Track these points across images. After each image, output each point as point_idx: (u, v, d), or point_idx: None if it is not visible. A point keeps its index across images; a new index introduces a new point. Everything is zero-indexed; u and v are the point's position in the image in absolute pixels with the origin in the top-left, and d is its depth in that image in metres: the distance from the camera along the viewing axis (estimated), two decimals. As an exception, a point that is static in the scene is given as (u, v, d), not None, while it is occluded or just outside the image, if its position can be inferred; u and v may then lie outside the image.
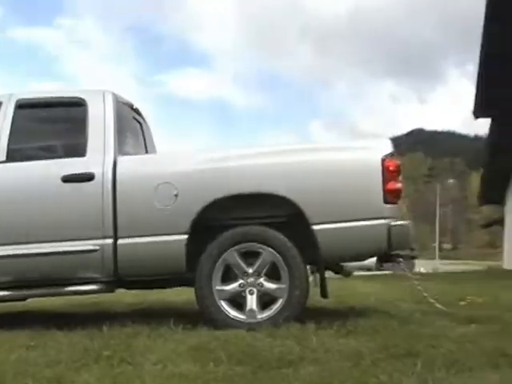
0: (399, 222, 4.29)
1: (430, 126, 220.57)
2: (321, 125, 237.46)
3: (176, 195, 4.29)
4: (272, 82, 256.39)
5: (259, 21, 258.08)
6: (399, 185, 4.33)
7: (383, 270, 20.74)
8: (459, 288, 8.25)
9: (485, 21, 17.05)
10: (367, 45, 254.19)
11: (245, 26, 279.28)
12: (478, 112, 19.69)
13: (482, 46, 17.83)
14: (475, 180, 55.30)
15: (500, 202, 25.22)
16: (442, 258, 57.03)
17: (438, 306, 5.13)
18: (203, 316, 4.26)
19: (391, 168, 4.29)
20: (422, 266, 32.60)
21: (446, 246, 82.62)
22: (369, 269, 24.18)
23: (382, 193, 4.23)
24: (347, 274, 5.47)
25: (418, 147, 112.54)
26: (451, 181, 70.54)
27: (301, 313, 4.21)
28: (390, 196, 4.27)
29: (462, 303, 5.69)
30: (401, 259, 4.83)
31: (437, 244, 55.92)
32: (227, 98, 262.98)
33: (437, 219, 54.21)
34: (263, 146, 4.78)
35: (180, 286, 5.01)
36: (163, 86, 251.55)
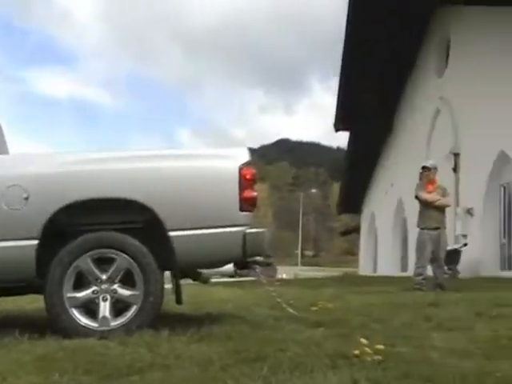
0: (254, 230, 4.40)
1: (295, 137, 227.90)
2: (190, 131, 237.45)
3: (26, 198, 4.12)
4: (142, 86, 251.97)
5: (130, 24, 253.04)
6: (255, 193, 4.45)
7: (245, 276, 21.14)
8: (314, 293, 8.58)
9: (345, 39, 18.07)
10: (238, 55, 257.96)
11: (115, 28, 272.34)
12: (338, 125, 20.77)
13: (342, 65, 18.88)
14: (336, 190, 58.07)
15: (357, 211, 26.68)
16: (303, 264, 59.19)
17: (290, 310, 5.32)
18: (53, 324, 4.11)
19: (248, 176, 4.39)
20: (284, 273, 33.61)
21: (308, 253, 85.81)
22: (232, 275, 24.55)
23: (238, 201, 4.32)
24: (205, 280, 5.52)
25: (284, 156, 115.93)
26: (314, 190, 73.51)
27: (155, 319, 4.20)
28: (246, 204, 4.37)
29: (314, 308, 5.93)
30: (256, 266, 4.97)
31: (299, 251, 57.99)
32: (94, 100, 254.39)
33: (300, 227, 56.26)
34: (121, 150, 4.70)
35: (30, 293, 4.81)
36: (23, 83, 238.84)
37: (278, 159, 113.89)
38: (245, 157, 4.50)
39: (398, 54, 18.42)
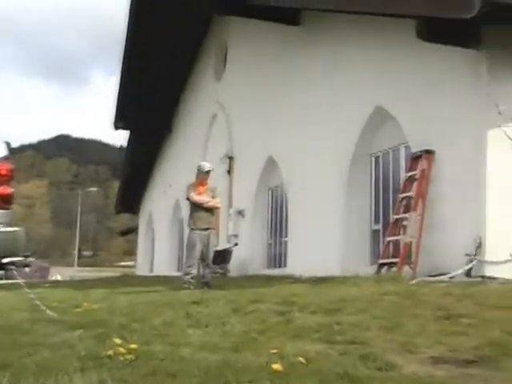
0: (9, 229, 4.17)
1: (76, 133, 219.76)
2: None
3: None
4: None
5: None
6: (11, 190, 4.21)
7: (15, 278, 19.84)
8: (83, 295, 8.36)
9: (126, 37, 17.94)
10: (17, 44, 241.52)
11: None
12: (118, 123, 20.50)
13: (123, 62, 18.71)
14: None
15: (136, 211, 26.57)
16: (81, 265, 57.34)
17: (50, 313, 5.12)
18: None
19: (3, 172, 4.15)
20: (59, 273, 32.28)
21: (87, 253, 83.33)
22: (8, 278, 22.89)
23: (-10, 198, 4.06)
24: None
25: (63, 153, 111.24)
26: (94, 189, 71.67)
27: None
28: (0, 201, 4.12)
29: (78, 310, 5.78)
30: (12, 266, 4.71)
31: (76, 251, 56.09)
32: None
33: (77, 226, 54.41)
34: None
35: None
36: None
37: (57, 155, 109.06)
38: (1, 151, 4.25)
39: (178, 55, 18.74)
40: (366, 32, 10.67)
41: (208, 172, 9.29)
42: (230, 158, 16.71)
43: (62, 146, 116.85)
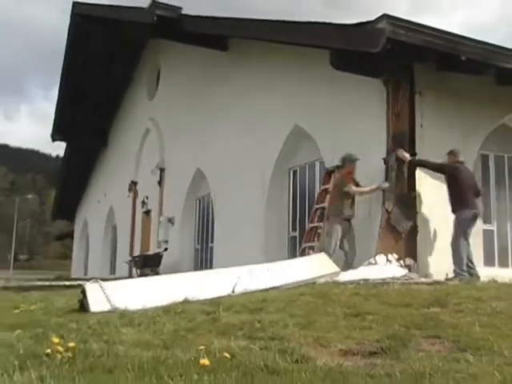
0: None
1: (15, 143, 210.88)
2: None
3: None
4: None
5: None
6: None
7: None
8: (21, 296, 8.05)
9: (65, 54, 17.51)
10: None
11: None
12: (55, 135, 19.94)
13: (61, 78, 18.25)
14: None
15: (71, 217, 25.87)
16: (17, 268, 55.01)
17: (-12, 314, 4.92)
18: None
19: None
20: (-4, 277, 30.82)
21: (23, 257, 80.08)
22: None
23: None
24: None
25: (1, 162, 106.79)
26: (30, 196, 69.14)
27: None
28: None
29: (16, 311, 5.58)
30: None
31: (12, 255, 53.89)
32: None
33: (14, 231, 52.37)
34: None
35: None
36: None
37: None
38: None
39: (114, 74, 18.48)
40: (289, 58, 10.89)
41: (356, 160, 8.54)
42: (162, 170, 16.58)
43: (0, 156, 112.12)
